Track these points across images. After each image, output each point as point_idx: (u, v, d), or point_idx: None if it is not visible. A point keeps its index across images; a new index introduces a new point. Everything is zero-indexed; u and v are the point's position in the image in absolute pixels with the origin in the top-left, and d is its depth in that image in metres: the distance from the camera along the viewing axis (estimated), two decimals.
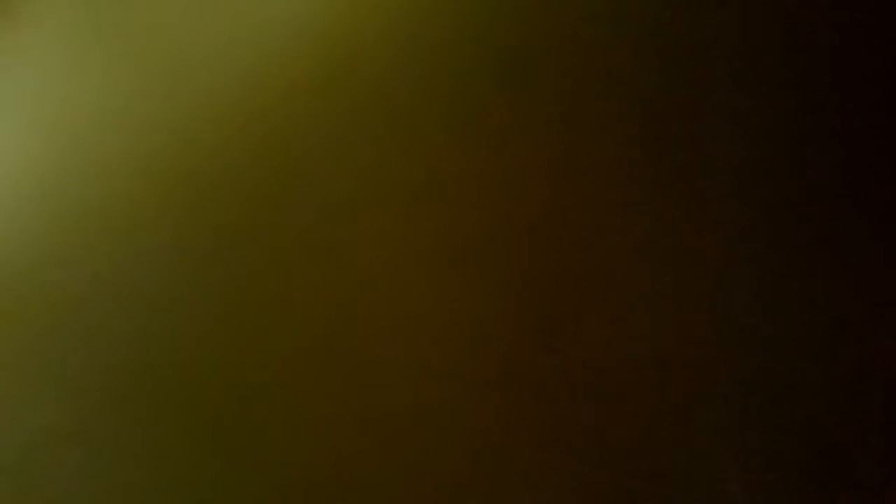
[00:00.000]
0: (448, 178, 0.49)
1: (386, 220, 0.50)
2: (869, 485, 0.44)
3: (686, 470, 0.45)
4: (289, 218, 0.51)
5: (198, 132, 0.52)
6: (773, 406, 0.45)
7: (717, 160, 0.47)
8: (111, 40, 0.54)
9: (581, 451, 0.46)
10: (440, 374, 0.48)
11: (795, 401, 0.45)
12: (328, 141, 0.51)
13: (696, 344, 0.46)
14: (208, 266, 0.51)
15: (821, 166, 0.46)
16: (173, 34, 0.53)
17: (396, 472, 0.48)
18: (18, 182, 0.54)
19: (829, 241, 0.46)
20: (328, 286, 0.50)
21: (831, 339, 0.45)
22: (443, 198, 0.49)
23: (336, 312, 0.49)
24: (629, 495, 0.46)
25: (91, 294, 0.52)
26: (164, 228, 0.52)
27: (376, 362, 0.49)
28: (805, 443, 0.44)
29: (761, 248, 0.46)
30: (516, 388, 0.47)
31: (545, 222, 0.48)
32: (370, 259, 0.50)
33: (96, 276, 0.52)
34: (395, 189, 0.50)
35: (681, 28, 0.48)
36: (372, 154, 0.50)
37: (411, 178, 0.50)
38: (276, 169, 0.51)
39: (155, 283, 0.51)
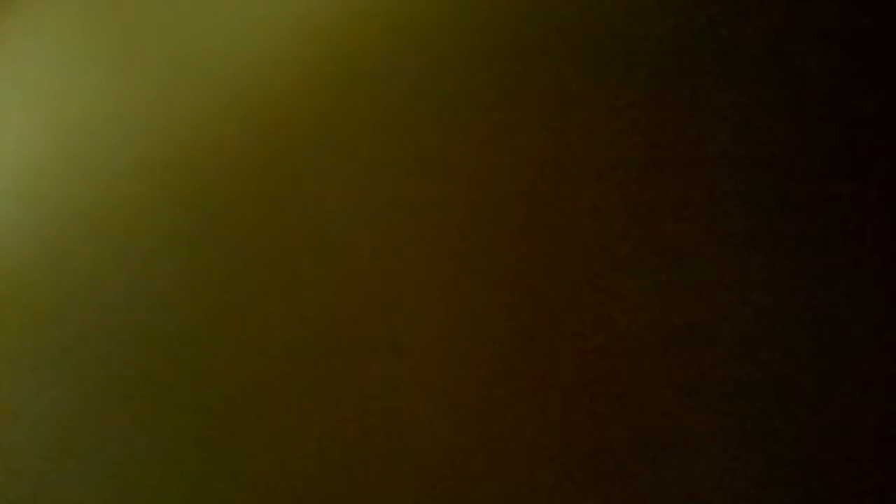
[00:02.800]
0: (448, 176, 0.50)
1: (385, 219, 0.50)
2: (869, 484, 0.44)
3: (685, 470, 0.45)
4: (288, 215, 0.51)
5: (198, 129, 0.53)
6: (773, 407, 0.45)
7: (720, 159, 0.47)
8: (111, 38, 0.54)
9: (580, 451, 0.46)
10: (438, 372, 0.48)
11: (796, 401, 0.45)
12: (328, 138, 0.51)
13: (696, 343, 0.46)
14: (209, 263, 0.51)
15: (822, 165, 0.46)
16: (173, 32, 0.54)
17: (395, 471, 0.48)
18: (17, 179, 0.54)
19: (830, 239, 0.45)
20: (327, 284, 0.50)
21: (832, 339, 0.45)
22: (442, 195, 0.49)
23: (335, 310, 0.49)
24: (628, 494, 0.46)
25: (91, 291, 0.52)
26: (165, 225, 0.52)
27: (375, 361, 0.49)
28: (805, 444, 0.44)
29: (762, 248, 0.46)
30: (514, 386, 0.47)
31: (546, 221, 0.48)
32: (369, 257, 0.50)
33: (96, 273, 0.52)
34: (394, 187, 0.50)
35: (684, 23, 0.48)
36: (371, 151, 0.50)
37: (411, 176, 0.50)
38: (275, 166, 0.51)
39: (155, 280, 0.51)
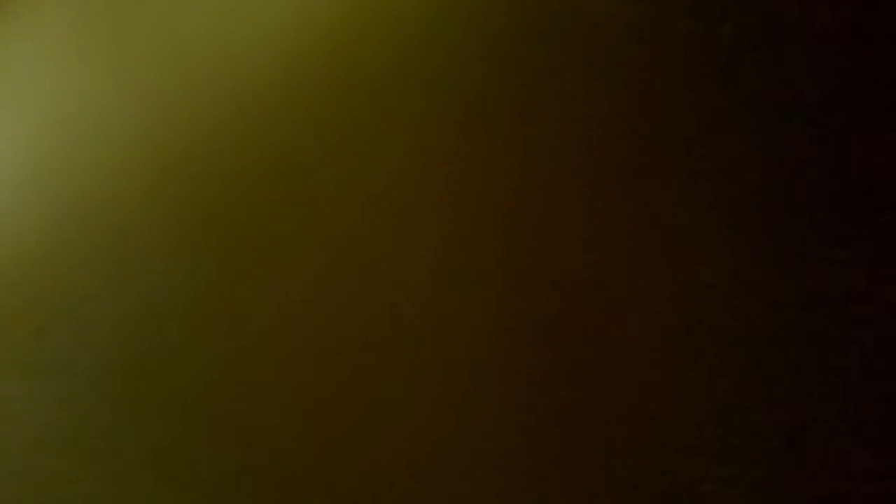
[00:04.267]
0: (449, 178, 0.50)
1: (386, 220, 0.50)
2: (866, 483, 0.43)
3: (686, 468, 0.45)
4: (283, 212, 0.51)
5: (193, 127, 0.53)
6: (774, 405, 0.45)
7: (720, 159, 0.47)
8: (113, 38, 0.54)
9: (581, 450, 0.46)
10: (438, 373, 0.48)
11: (796, 401, 0.45)
12: (323, 134, 0.51)
13: (696, 342, 0.46)
14: (210, 265, 0.51)
15: (822, 164, 0.46)
16: (169, 31, 0.54)
17: (395, 471, 0.48)
18: (18, 181, 0.54)
19: (830, 239, 0.45)
20: (327, 285, 0.50)
21: (832, 339, 0.45)
22: (444, 198, 0.49)
23: (337, 311, 0.49)
24: (628, 493, 0.46)
25: (92, 293, 0.52)
26: (167, 228, 0.52)
27: (375, 363, 0.49)
28: (805, 444, 0.44)
29: (762, 247, 0.46)
30: (515, 387, 0.47)
31: (548, 221, 0.48)
32: (368, 258, 0.50)
33: (97, 276, 0.52)
34: (395, 189, 0.50)
35: (685, 23, 0.48)
36: (373, 152, 0.51)
37: (412, 178, 0.50)
38: (270, 164, 0.51)
39: (156, 282, 0.51)
